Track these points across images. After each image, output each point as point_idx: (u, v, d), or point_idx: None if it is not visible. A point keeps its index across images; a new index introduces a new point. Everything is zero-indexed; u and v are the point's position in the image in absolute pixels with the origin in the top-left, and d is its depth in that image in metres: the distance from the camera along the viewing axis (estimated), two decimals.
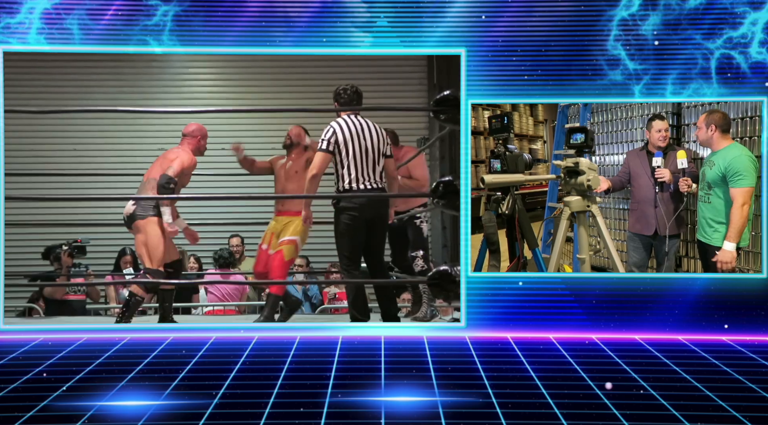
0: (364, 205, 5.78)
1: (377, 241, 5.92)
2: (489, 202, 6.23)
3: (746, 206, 5.64)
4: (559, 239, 6.21)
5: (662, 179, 5.99)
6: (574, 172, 6.14)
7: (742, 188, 5.63)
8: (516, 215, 6.17)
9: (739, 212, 5.63)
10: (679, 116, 6.24)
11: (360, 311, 5.85)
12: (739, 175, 5.63)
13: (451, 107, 5.70)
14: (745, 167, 5.64)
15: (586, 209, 6.19)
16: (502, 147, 6.16)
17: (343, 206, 5.80)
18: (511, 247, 6.24)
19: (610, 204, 6.75)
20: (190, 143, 6.38)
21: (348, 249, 5.83)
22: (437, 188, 5.65)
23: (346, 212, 5.78)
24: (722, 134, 5.74)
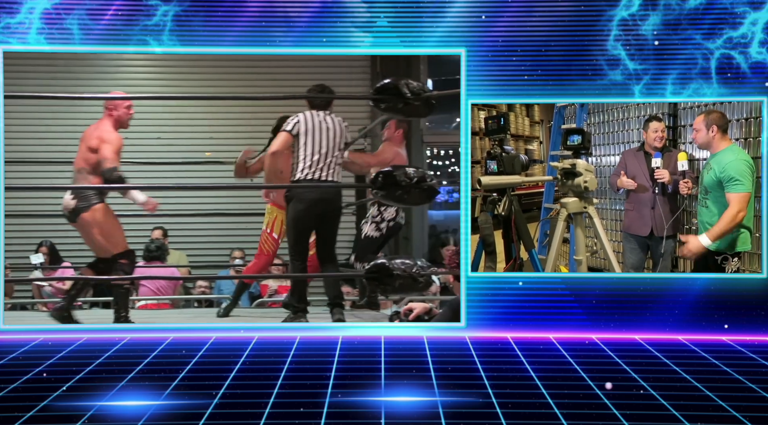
0: (315, 198, 5.96)
1: (328, 233, 6.12)
2: (485, 203, 6.22)
3: (741, 214, 5.59)
4: (556, 241, 6.20)
5: (661, 179, 5.97)
6: (571, 173, 6.14)
7: (738, 193, 5.59)
8: (512, 217, 6.17)
9: (730, 217, 5.59)
10: (675, 117, 6.23)
11: (297, 300, 6.08)
12: (735, 180, 5.60)
13: (392, 95, 5.65)
14: (740, 172, 5.61)
15: (583, 210, 6.19)
16: (498, 148, 6.15)
17: (293, 198, 6.02)
18: (508, 248, 6.23)
19: (606, 205, 6.74)
20: (112, 115, 6.05)
21: (294, 239, 6.05)
22: (376, 179, 5.61)
23: (295, 203, 6.00)
24: (722, 134, 5.73)
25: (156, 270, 7.93)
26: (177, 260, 8.76)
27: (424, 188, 5.51)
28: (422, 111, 5.75)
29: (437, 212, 12.38)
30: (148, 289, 8.02)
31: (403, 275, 5.49)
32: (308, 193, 5.99)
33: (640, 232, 6.11)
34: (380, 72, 9.70)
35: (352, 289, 7.87)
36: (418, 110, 5.69)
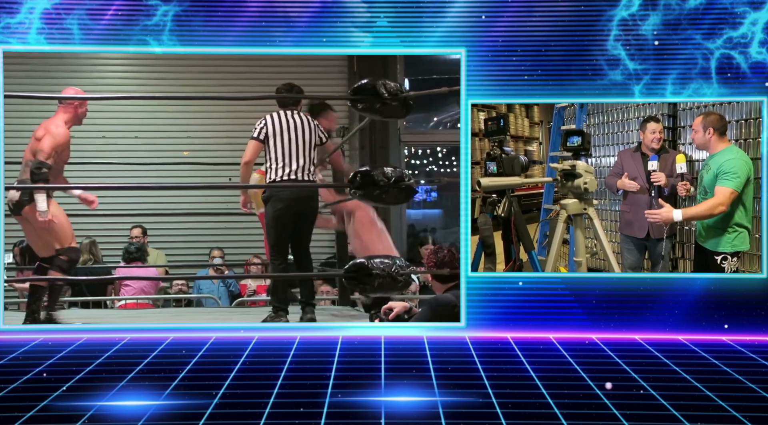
0: (292, 197, 6.06)
1: (304, 232, 6.20)
2: (485, 204, 6.22)
3: (720, 208, 5.59)
4: (556, 242, 6.20)
5: (658, 182, 5.95)
6: (570, 175, 6.13)
7: (726, 187, 5.59)
8: (512, 218, 6.17)
9: (709, 207, 5.60)
10: (674, 118, 6.23)
11: (278, 300, 6.16)
12: (727, 174, 5.59)
13: (369, 95, 5.63)
14: (735, 169, 5.60)
15: (582, 211, 6.18)
16: (498, 149, 6.15)
17: (271, 198, 6.10)
18: (507, 250, 6.23)
19: (606, 206, 6.74)
20: (66, 111, 6.01)
21: (274, 239, 6.15)
22: (354, 178, 5.56)
23: (273, 203, 6.09)
24: (719, 136, 5.73)
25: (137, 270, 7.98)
26: (155, 259, 8.73)
27: (401, 187, 5.48)
28: (400, 112, 5.73)
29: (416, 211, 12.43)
30: (132, 289, 8.04)
31: (382, 275, 5.47)
32: (285, 192, 6.08)
33: (637, 234, 6.10)
34: (357, 72, 9.70)
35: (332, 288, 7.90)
36: (396, 110, 5.68)
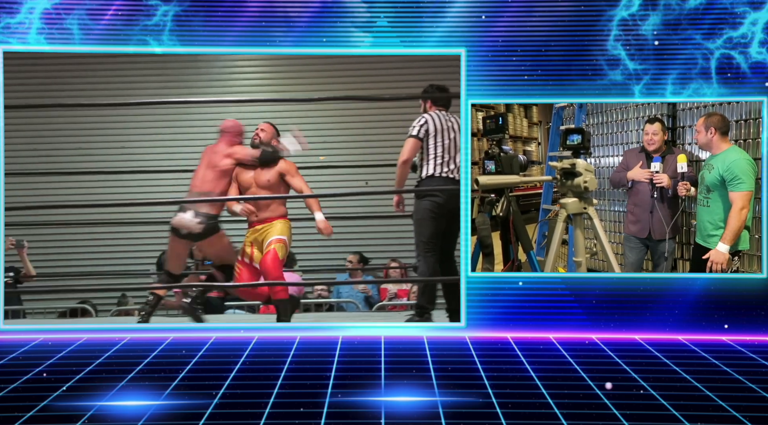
0: (451, 195, 5.91)
1: (454, 232, 6.01)
2: (483, 204, 6.21)
3: (745, 211, 5.63)
4: (555, 242, 6.18)
5: (660, 184, 5.95)
6: (570, 173, 6.12)
7: (741, 191, 5.62)
8: (510, 218, 6.16)
9: (737, 216, 5.62)
10: (674, 118, 6.23)
11: (428, 300, 6.00)
12: (738, 179, 5.62)
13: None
14: (743, 171, 5.63)
15: (582, 211, 6.17)
16: (496, 148, 6.15)
17: (426, 194, 5.95)
18: (506, 249, 6.22)
19: (606, 206, 6.74)
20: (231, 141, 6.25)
21: (429, 234, 5.94)
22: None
23: (428, 199, 5.94)
24: (721, 136, 5.73)
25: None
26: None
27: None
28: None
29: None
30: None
31: None
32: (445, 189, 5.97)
33: (639, 234, 6.10)
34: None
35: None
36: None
